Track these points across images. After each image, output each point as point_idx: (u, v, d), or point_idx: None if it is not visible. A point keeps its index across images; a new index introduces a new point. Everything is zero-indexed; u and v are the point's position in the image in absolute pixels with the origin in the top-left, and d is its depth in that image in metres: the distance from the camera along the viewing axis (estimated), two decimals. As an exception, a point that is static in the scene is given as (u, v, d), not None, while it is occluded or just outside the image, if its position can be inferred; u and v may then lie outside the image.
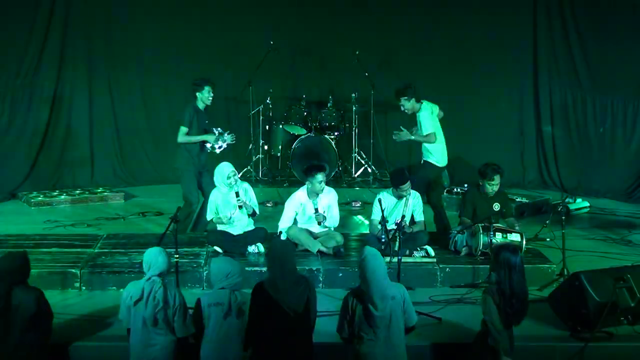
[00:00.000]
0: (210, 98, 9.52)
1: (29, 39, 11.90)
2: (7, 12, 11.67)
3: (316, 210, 8.53)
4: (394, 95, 9.55)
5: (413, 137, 9.47)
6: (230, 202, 8.61)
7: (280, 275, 5.84)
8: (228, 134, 9.59)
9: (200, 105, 9.50)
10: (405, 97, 9.43)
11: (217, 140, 9.50)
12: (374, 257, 5.98)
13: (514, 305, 5.98)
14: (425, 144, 9.46)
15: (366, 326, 5.91)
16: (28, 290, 6.22)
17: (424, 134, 9.38)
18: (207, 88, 9.46)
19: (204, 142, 9.51)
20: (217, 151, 9.56)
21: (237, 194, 8.56)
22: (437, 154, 9.46)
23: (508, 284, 5.98)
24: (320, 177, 8.52)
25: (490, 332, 6.00)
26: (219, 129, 9.60)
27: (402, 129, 9.49)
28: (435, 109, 9.63)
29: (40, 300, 6.22)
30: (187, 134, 9.40)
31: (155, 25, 12.36)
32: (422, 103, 9.48)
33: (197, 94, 9.48)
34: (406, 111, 9.55)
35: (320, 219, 8.54)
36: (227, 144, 9.61)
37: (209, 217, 8.77)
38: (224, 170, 8.64)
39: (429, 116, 9.44)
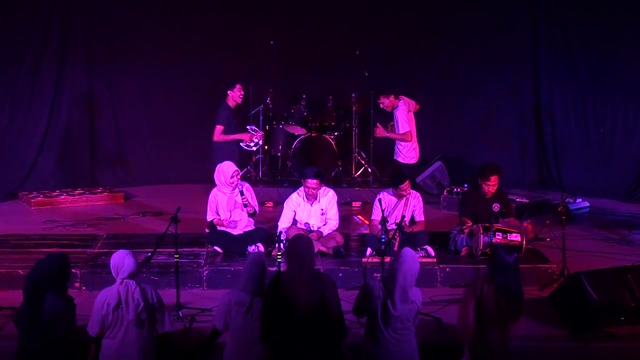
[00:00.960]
0: (241, 96, 9.61)
1: (29, 38, 11.89)
2: (7, 12, 11.65)
3: (310, 231, 8.53)
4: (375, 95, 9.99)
5: (389, 136, 9.89)
6: (231, 202, 8.60)
7: (299, 268, 5.80)
8: (254, 130, 9.73)
9: (231, 104, 9.57)
10: (384, 95, 10.13)
11: (252, 138, 9.58)
12: (412, 261, 6.02)
13: (509, 302, 6.00)
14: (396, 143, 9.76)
15: (380, 323, 5.92)
16: (54, 299, 6.03)
17: (401, 132, 9.77)
18: (238, 86, 9.57)
19: (239, 141, 9.60)
20: (254, 149, 9.67)
21: (242, 193, 8.56)
22: (406, 152, 9.73)
23: (503, 282, 6.01)
24: (311, 183, 8.49)
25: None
26: (252, 126, 9.70)
27: (379, 125, 9.91)
28: (412, 105, 10.33)
29: (58, 312, 6.02)
30: (223, 132, 9.41)
31: (156, 25, 12.35)
32: (400, 99, 10.08)
33: (229, 92, 9.53)
34: (385, 108, 10.20)
35: (317, 238, 8.49)
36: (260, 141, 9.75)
37: (209, 217, 8.72)
38: (228, 169, 8.58)
39: (405, 114, 9.90)
